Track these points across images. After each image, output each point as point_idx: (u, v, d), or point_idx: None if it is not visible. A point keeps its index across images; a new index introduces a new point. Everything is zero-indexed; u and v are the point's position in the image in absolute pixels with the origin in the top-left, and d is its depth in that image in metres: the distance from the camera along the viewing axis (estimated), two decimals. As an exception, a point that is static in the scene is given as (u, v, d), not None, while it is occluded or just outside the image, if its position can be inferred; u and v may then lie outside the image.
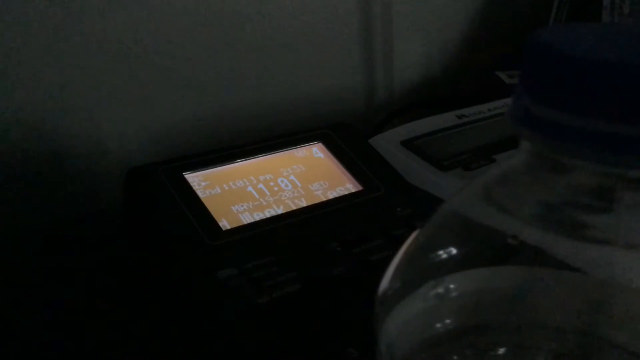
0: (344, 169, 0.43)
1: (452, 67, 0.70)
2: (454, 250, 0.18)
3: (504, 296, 0.17)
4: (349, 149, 0.44)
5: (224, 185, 0.39)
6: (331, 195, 0.41)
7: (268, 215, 0.38)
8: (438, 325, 0.17)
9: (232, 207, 0.38)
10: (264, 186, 0.40)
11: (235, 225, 0.37)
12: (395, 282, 0.18)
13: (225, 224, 0.37)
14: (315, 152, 0.44)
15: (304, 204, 0.39)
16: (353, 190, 0.41)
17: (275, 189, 0.40)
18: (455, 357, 0.17)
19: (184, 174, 0.39)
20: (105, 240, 0.41)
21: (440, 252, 0.18)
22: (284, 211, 0.39)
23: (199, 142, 0.51)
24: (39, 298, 0.36)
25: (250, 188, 0.40)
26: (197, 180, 0.39)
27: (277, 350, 0.29)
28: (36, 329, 0.33)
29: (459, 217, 0.18)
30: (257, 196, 0.39)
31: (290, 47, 0.57)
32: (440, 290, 0.17)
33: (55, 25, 0.44)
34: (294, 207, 0.39)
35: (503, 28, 0.72)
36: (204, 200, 0.38)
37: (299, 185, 0.41)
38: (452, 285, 0.17)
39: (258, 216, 0.38)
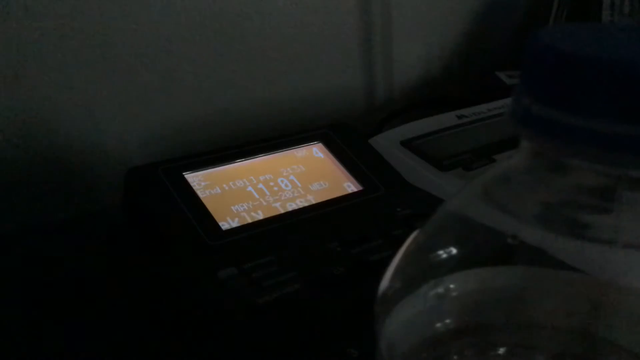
0: (344, 169, 0.43)
1: (452, 67, 0.70)
2: (454, 250, 0.18)
3: (504, 296, 0.17)
4: (349, 149, 0.44)
5: (224, 185, 0.39)
6: (331, 195, 0.41)
7: (268, 215, 0.38)
8: (438, 325, 0.17)
9: (232, 207, 0.38)
10: (264, 186, 0.40)
11: (235, 225, 0.37)
12: (395, 282, 0.18)
13: (225, 224, 0.37)
14: (315, 152, 0.44)
15: (304, 204, 0.39)
16: (353, 190, 0.41)
17: (275, 189, 0.40)
18: (455, 357, 0.17)
19: (184, 174, 0.39)
20: (105, 240, 0.41)
21: (440, 252, 0.18)
22: (284, 211, 0.39)
23: (199, 142, 0.51)
24: (39, 298, 0.36)
25: (250, 188, 0.40)
26: (197, 180, 0.39)
27: (277, 350, 0.29)
28: (36, 329, 0.33)
29: (459, 217, 0.18)
30: (257, 196, 0.39)
31: (290, 47, 0.57)
32: (440, 290, 0.17)
33: (55, 26, 0.44)
34: (294, 207, 0.39)
35: (503, 28, 0.72)
36: (204, 200, 0.38)
37: (299, 185, 0.41)
38: (452, 285, 0.17)
39: (258, 216, 0.38)
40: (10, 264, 0.39)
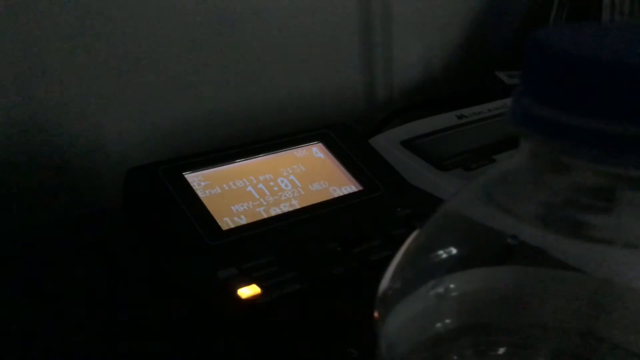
0: (344, 169, 0.43)
1: (452, 67, 0.70)
2: (454, 250, 0.18)
3: (504, 296, 0.17)
4: (349, 149, 0.44)
5: (224, 185, 0.39)
6: (331, 195, 0.41)
7: (268, 215, 0.38)
8: (438, 325, 0.17)
9: (232, 207, 0.38)
10: (264, 186, 0.40)
11: (235, 225, 0.37)
12: (395, 282, 0.18)
13: (225, 224, 0.37)
14: (315, 152, 0.44)
15: (304, 204, 0.39)
16: (353, 190, 0.41)
17: (275, 189, 0.40)
18: (455, 357, 0.17)
19: (184, 174, 0.39)
20: (105, 240, 0.41)
21: (440, 252, 0.18)
22: (284, 211, 0.39)
23: (199, 142, 0.51)
24: (39, 298, 0.36)
25: (250, 188, 0.40)
26: (197, 180, 0.39)
27: (277, 350, 0.29)
28: (36, 329, 0.33)
29: (459, 217, 0.18)
30: (257, 196, 0.39)
31: (290, 47, 0.57)
32: (440, 290, 0.17)
33: (56, 26, 0.44)
34: (294, 207, 0.39)
35: (503, 28, 0.72)
36: (204, 200, 0.38)
37: (299, 185, 0.41)
38: (452, 285, 0.17)
39: (258, 216, 0.38)
40: (10, 264, 0.39)
